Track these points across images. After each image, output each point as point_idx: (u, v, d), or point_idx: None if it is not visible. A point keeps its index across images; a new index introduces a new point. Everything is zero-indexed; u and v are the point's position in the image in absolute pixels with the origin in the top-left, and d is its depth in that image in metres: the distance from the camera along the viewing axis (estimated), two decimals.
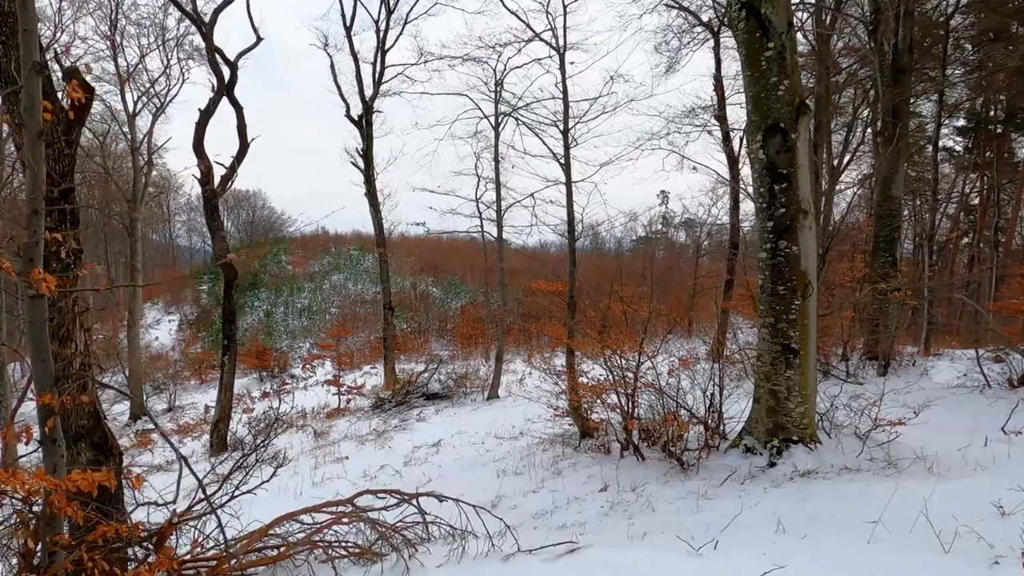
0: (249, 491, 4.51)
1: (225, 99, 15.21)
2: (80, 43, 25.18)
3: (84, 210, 36.66)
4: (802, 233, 5.40)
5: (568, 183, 9.33)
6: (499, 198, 13.67)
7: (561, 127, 9.50)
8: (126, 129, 27.00)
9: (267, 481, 4.89)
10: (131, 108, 26.34)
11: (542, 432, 8.75)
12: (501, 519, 4.45)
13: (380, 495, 4.69)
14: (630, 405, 6.37)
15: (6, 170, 17.56)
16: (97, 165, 28.27)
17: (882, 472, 5.03)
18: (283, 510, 7.74)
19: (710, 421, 6.15)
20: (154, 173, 37.32)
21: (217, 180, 15.02)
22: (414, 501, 4.51)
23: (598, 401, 7.00)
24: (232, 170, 15.35)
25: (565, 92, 9.53)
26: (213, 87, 15.16)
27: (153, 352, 38.32)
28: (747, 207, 19.58)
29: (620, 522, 4.72)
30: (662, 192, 45.47)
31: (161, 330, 45.30)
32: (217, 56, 15.32)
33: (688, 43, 19.66)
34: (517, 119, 12.17)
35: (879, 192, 13.48)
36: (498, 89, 13.72)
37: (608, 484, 5.68)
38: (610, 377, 6.58)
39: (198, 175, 14.97)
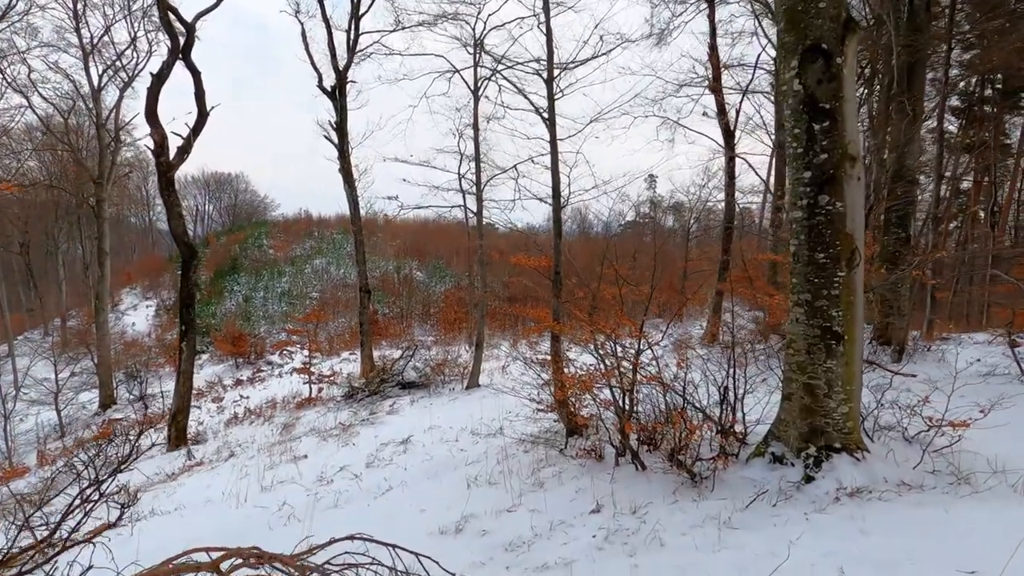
0: (85, 540, 3.25)
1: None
2: (39, 12, 23.67)
3: (50, 190, 35.16)
4: (848, 185, 4.23)
5: (552, 140, 8.09)
6: (478, 170, 12.41)
7: (544, 75, 8.22)
8: (91, 105, 25.41)
9: (112, 526, 3.64)
10: (96, 82, 24.83)
11: (523, 430, 7.60)
12: None
13: (255, 562, 2.84)
14: (627, 402, 5.20)
15: None
16: (60, 142, 26.78)
17: (953, 491, 3.91)
18: (214, 527, 6.60)
19: (726, 422, 5.00)
20: (128, 154, 35.76)
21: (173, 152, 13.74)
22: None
23: (587, 396, 5.84)
24: (189, 141, 14.02)
25: (549, 33, 8.24)
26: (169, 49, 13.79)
27: (128, 338, 36.88)
28: (743, 181, 18.52)
29: (619, 561, 3.58)
30: (650, 176, 44.39)
31: (138, 315, 43.87)
32: (171, 16, 13.92)
33: (680, 14, 18.46)
34: (498, 77, 10.89)
35: (893, 163, 12.40)
36: (478, 51, 12.43)
37: (602, 503, 4.52)
38: (602, 367, 5.40)
39: (151, 145, 13.66)
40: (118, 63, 25.36)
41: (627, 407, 5.19)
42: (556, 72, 8.09)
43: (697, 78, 17.11)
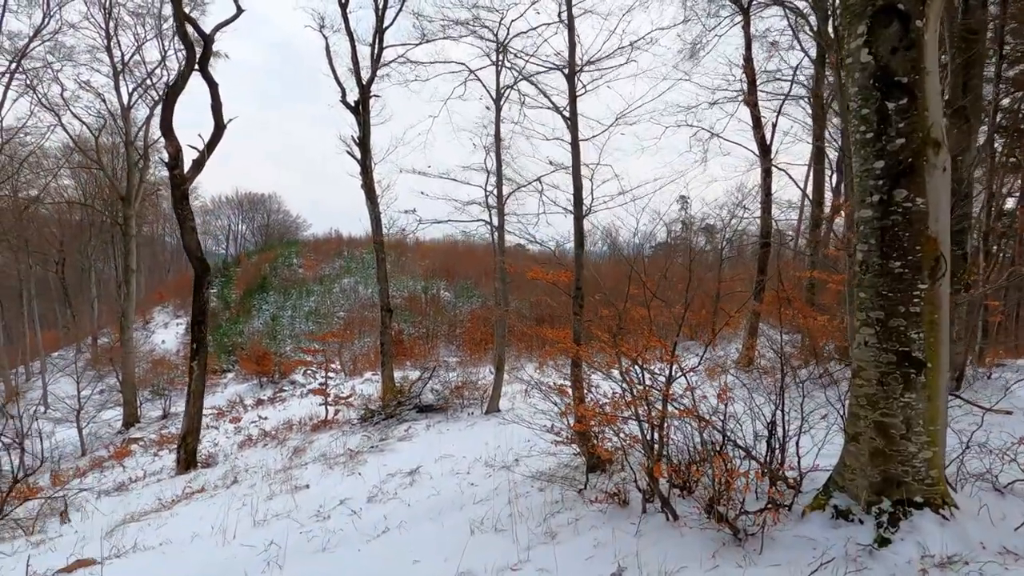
0: None
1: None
2: (69, 30, 23.87)
3: (85, 208, 35.53)
4: (931, 177, 3.42)
5: (574, 142, 7.36)
6: (500, 182, 11.76)
7: (566, 70, 7.52)
8: (121, 123, 25.53)
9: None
10: (126, 101, 24.94)
11: (540, 464, 6.83)
12: None
13: None
14: (656, 439, 4.40)
15: None
16: (90, 160, 26.93)
17: None
18: (194, 569, 5.92)
19: (775, 465, 4.17)
20: (163, 172, 35.98)
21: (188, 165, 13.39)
22: None
23: (609, 429, 5.04)
24: (204, 154, 13.66)
25: (571, 25, 7.56)
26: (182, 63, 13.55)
27: (157, 356, 36.90)
28: (783, 195, 17.57)
29: None
30: (682, 198, 43.43)
31: (168, 333, 44.11)
32: (188, 26, 13.65)
33: (713, 28, 17.74)
34: (521, 83, 10.22)
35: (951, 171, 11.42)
36: (500, 59, 11.84)
37: (624, 565, 3.71)
38: (628, 395, 4.61)
39: (166, 158, 13.32)
40: (148, 81, 25.49)
41: (656, 445, 4.38)
42: (578, 67, 7.38)
43: (731, 85, 16.24)
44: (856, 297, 3.72)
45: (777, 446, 4.28)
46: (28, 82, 22.58)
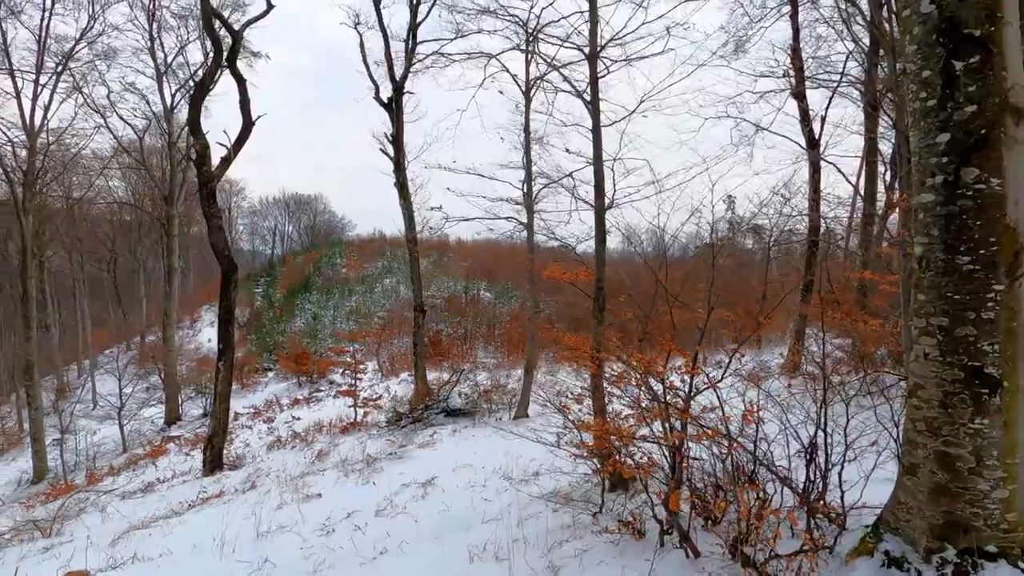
0: None
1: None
2: (114, 32, 24.21)
3: (133, 208, 36.31)
4: (1010, 152, 2.77)
5: (595, 127, 6.72)
6: (529, 178, 11.23)
7: (586, 50, 6.93)
8: (164, 124, 25.88)
9: None
10: (169, 102, 25.25)
11: (558, 480, 6.28)
12: None
13: None
14: (675, 463, 3.81)
15: None
16: (135, 160, 27.41)
17: None
18: None
19: (813, 496, 3.54)
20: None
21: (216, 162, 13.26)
22: None
23: (625, 450, 4.46)
24: (232, 152, 13.47)
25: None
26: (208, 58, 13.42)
27: (202, 354, 37.50)
28: (831, 192, 16.59)
29: None
30: (728, 197, 42.15)
31: (214, 332, 44.74)
32: (216, 22, 13.50)
33: (759, 19, 16.79)
34: (548, 73, 9.65)
35: None
36: (529, 50, 11.31)
37: None
38: (643, 412, 4.04)
39: (193, 156, 13.20)
40: (191, 82, 25.72)
41: (675, 470, 3.79)
42: (600, 47, 6.77)
43: (776, 70, 15.28)
44: (914, 300, 3.08)
45: (817, 474, 3.66)
46: (75, 84, 22.98)
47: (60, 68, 21.53)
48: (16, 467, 20.90)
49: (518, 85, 11.35)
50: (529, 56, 11.13)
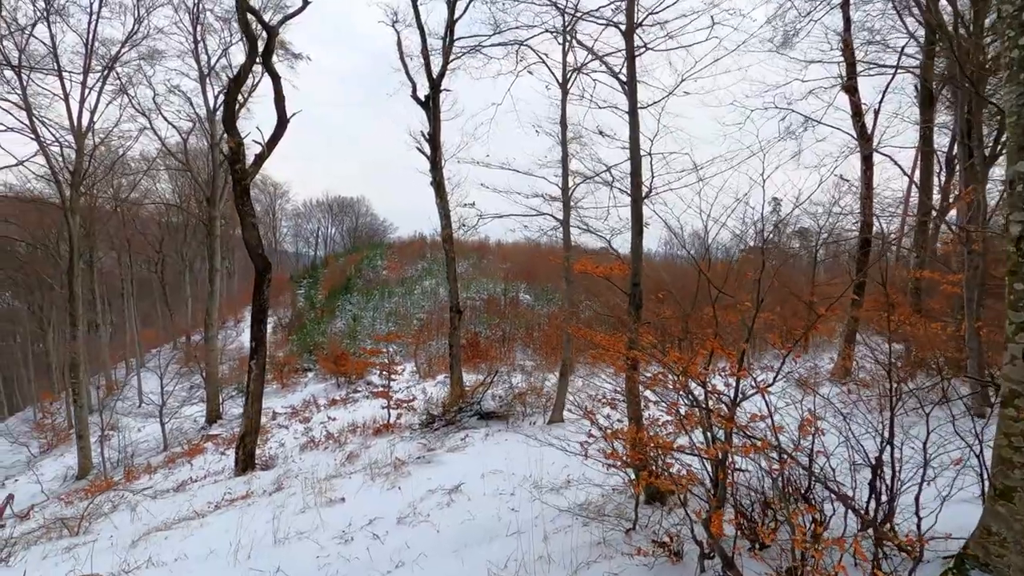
0: None
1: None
2: (158, 35, 24.60)
3: (180, 210, 37.06)
4: None
5: (632, 109, 6.21)
6: (565, 172, 10.80)
7: (623, 26, 6.42)
8: (207, 126, 26.23)
9: None
10: (212, 104, 25.57)
11: (590, 491, 5.84)
12: None
13: None
14: (717, 478, 3.35)
15: None
16: (179, 161, 27.88)
17: None
18: None
19: (879, 520, 3.05)
20: (256, 176, 37.17)
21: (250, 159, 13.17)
22: None
23: (671, 455, 4.01)
24: (267, 148, 13.38)
25: None
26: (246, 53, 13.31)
27: (244, 354, 38.03)
28: (883, 191, 15.74)
29: None
30: (774, 199, 41.02)
31: None
32: (251, 17, 13.42)
33: (809, 12, 16.01)
34: (587, 68, 9.18)
35: None
36: (566, 39, 10.89)
37: None
38: (680, 419, 3.58)
39: (227, 152, 13.12)
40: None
41: (717, 486, 3.33)
42: (638, 18, 6.26)
43: (826, 55, 14.49)
44: (1009, 291, 2.58)
45: (885, 493, 3.16)
46: (121, 86, 23.40)
47: (106, 71, 21.91)
48: (63, 463, 21.40)
49: (554, 76, 10.94)
50: (566, 46, 10.71)
